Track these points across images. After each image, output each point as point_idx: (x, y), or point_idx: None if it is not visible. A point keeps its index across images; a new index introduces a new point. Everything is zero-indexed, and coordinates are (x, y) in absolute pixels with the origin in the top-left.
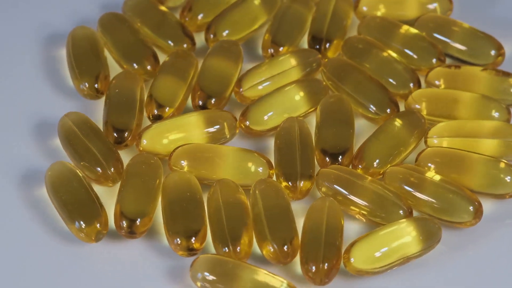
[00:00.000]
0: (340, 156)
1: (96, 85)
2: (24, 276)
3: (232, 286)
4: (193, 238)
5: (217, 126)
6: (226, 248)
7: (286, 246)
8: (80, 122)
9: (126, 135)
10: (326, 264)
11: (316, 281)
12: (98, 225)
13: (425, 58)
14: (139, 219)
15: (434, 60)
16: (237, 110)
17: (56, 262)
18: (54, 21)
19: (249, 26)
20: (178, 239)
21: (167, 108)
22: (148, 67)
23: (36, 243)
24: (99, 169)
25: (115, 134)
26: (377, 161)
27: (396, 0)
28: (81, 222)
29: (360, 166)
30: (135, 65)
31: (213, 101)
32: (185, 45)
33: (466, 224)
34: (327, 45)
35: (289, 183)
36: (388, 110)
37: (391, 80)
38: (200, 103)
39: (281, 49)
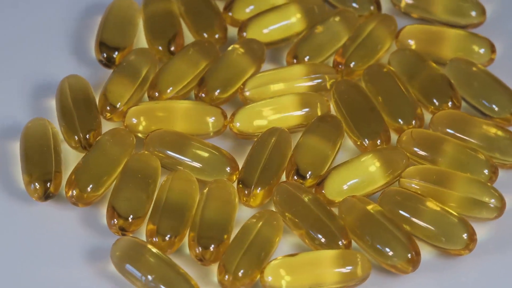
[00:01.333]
0: (308, 176)
1: (114, 55)
2: None
3: (137, 272)
4: (130, 218)
5: (202, 120)
6: (155, 238)
7: (212, 246)
8: (75, 87)
9: (117, 106)
10: (241, 272)
11: None
12: (48, 185)
13: (440, 99)
14: (89, 190)
15: (450, 104)
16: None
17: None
18: None
19: (284, 32)
20: (115, 219)
21: (169, 89)
22: (172, 48)
23: None
24: (75, 136)
25: (107, 107)
26: (337, 192)
27: (437, 36)
28: (35, 181)
29: (323, 191)
30: (160, 47)
31: (217, 92)
32: (216, 36)
33: (399, 269)
34: (352, 65)
35: (244, 189)
36: (378, 142)
37: (397, 117)
38: (203, 95)
39: (306, 58)
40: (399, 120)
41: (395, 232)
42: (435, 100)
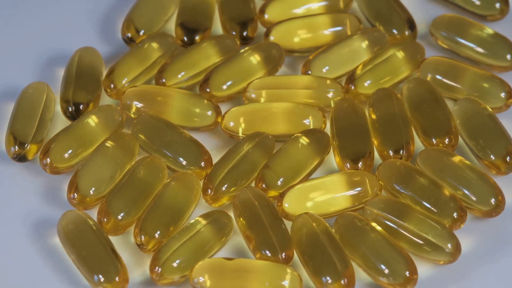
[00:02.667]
0: (279, 183)
1: (140, 34)
2: None
3: (70, 247)
4: (89, 195)
5: (194, 112)
6: (105, 219)
7: (157, 234)
8: (85, 58)
9: (124, 83)
10: (175, 263)
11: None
12: (26, 147)
13: (437, 136)
14: (61, 159)
15: (446, 141)
16: None
17: None
18: None
19: (310, 42)
20: (75, 194)
21: (176, 77)
22: (197, 38)
23: None
24: (68, 106)
25: (111, 85)
26: (298, 208)
27: (458, 72)
28: (13, 141)
29: (286, 204)
30: (185, 37)
31: (219, 89)
32: (244, 33)
33: None
34: (366, 83)
35: (207, 186)
36: (360, 164)
37: (387, 146)
38: (208, 90)
39: (325, 69)
40: (389, 151)
41: (333, 256)
42: (432, 137)
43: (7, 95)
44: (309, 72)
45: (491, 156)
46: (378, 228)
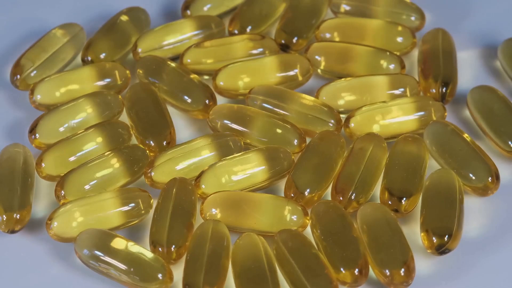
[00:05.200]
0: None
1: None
2: None
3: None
4: (43, 137)
5: (186, 98)
6: (43, 164)
7: (75, 192)
8: (127, 16)
9: (140, 50)
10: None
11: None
12: (26, 72)
13: (397, 195)
14: (45, 97)
15: (403, 201)
16: None
17: None
18: None
19: (342, 68)
20: (37, 135)
21: (196, 62)
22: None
23: None
24: (87, 54)
25: (136, 49)
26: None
27: (452, 145)
28: (18, 68)
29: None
30: (235, 31)
31: (231, 82)
32: (294, 40)
33: None
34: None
35: (149, 166)
36: (306, 193)
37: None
38: (221, 83)
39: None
40: (339, 195)
41: (204, 265)
42: (389, 197)
43: None
44: (324, 98)
45: (433, 237)
46: (265, 259)
